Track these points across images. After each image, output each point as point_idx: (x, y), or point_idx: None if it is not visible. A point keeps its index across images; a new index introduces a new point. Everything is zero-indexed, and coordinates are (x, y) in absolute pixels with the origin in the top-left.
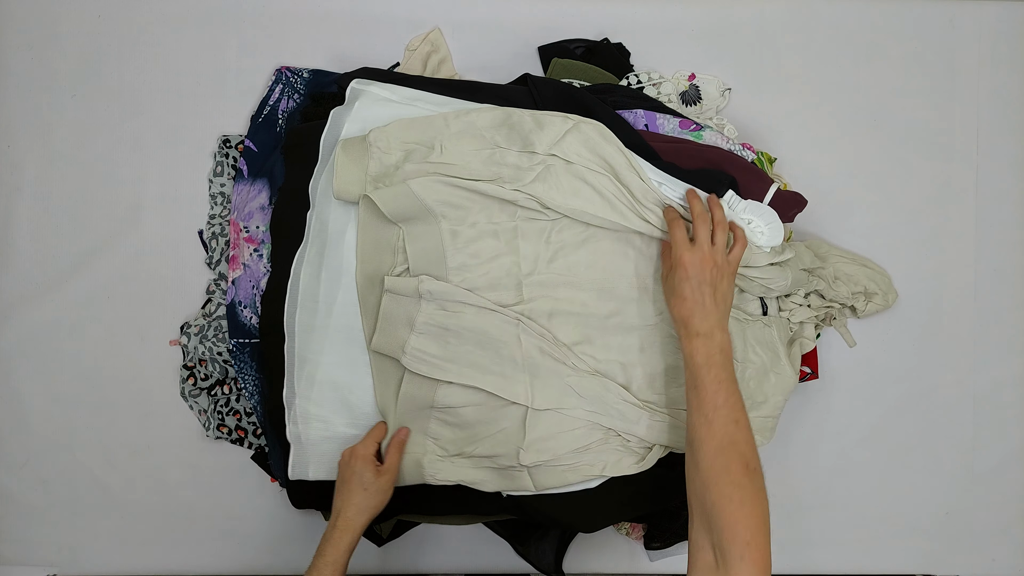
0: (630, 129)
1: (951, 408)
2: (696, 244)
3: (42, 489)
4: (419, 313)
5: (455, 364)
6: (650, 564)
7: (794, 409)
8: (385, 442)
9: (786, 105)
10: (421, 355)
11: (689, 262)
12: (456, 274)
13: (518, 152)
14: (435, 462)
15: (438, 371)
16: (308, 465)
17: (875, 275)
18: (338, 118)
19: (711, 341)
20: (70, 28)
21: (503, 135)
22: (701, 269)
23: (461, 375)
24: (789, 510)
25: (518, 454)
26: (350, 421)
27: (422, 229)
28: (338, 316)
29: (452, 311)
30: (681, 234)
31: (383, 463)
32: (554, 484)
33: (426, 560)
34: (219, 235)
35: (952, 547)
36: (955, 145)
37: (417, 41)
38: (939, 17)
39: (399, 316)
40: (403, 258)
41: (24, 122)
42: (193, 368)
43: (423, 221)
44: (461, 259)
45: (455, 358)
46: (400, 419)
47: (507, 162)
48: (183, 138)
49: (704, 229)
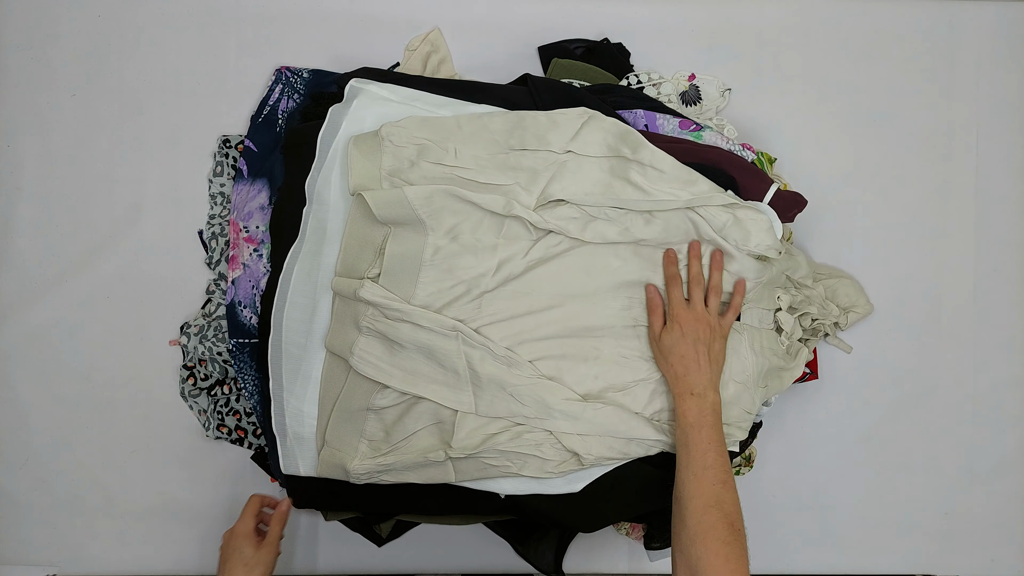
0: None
1: (951, 408)
2: (691, 304)
3: (42, 489)
4: (363, 317)
5: (400, 370)
6: (650, 564)
7: (794, 409)
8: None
9: (786, 105)
10: (368, 357)
11: (685, 320)
12: (422, 287)
13: (533, 153)
14: (364, 461)
15: (383, 375)
16: (298, 460)
17: (849, 287)
18: (336, 116)
19: (704, 401)
20: (70, 28)
21: (517, 138)
22: (696, 328)
23: (405, 382)
24: (789, 510)
25: (446, 449)
26: None
27: (409, 236)
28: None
29: (392, 320)
30: (678, 293)
31: (264, 536)
32: (475, 475)
33: (426, 560)
34: (219, 235)
35: (952, 547)
36: (955, 145)
37: (417, 41)
38: (939, 17)
39: (348, 316)
40: (381, 261)
41: (24, 122)
42: (193, 368)
43: (413, 228)
44: (433, 274)
45: (401, 364)
46: (337, 421)
47: (523, 166)
48: (183, 138)
49: (699, 291)
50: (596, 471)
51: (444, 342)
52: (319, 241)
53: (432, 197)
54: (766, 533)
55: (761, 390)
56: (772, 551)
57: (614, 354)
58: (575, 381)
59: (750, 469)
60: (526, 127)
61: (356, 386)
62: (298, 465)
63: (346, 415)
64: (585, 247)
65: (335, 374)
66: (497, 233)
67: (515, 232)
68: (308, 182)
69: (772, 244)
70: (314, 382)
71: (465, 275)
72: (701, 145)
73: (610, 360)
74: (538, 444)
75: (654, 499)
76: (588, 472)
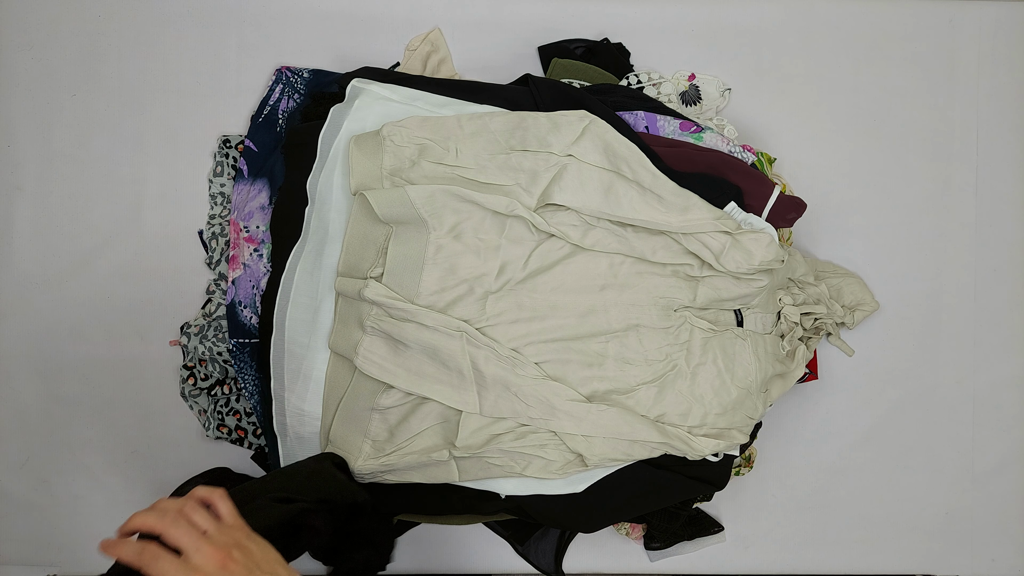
0: (630, 131)
1: (951, 408)
2: (186, 554)
3: (42, 489)
4: (367, 317)
5: (404, 370)
6: (650, 564)
7: (794, 409)
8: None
9: (786, 105)
10: (372, 357)
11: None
12: (426, 286)
13: (534, 154)
14: (368, 461)
15: (388, 375)
16: (299, 459)
17: (854, 285)
18: (337, 116)
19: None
20: (70, 28)
21: (518, 139)
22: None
23: (410, 382)
24: (789, 510)
25: (450, 448)
26: None
27: (411, 234)
28: (331, 314)
29: (397, 319)
30: (170, 567)
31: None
32: (478, 475)
33: (426, 560)
34: (219, 235)
35: (952, 547)
36: (955, 145)
37: (417, 41)
38: (939, 17)
39: (352, 316)
40: (383, 260)
41: (24, 122)
42: (193, 368)
43: (415, 227)
44: (436, 273)
45: (405, 364)
46: (341, 421)
47: (524, 167)
48: (183, 138)
49: (184, 535)
50: (599, 472)
51: (449, 342)
52: (321, 240)
53: (434, 196)
54: (766, 533)
55: (763, 395)
56: (772, 551)
57: (618, 358)
58: (579, 383)
59: (750, 469)
60: (527, 127)
61: (361, 386)
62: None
63: (350, 415)
64: (587, 252)
65: (340, 374)
66: (500, 233)
67: (518, 233)
68: (310, 182)
69: (775, 257)
70: (315, 382)
71: (468, 274)
72: (701, 149)
73: (614, 364)
74: (542, 445)
75: (654, 500)
76: (591, 473)
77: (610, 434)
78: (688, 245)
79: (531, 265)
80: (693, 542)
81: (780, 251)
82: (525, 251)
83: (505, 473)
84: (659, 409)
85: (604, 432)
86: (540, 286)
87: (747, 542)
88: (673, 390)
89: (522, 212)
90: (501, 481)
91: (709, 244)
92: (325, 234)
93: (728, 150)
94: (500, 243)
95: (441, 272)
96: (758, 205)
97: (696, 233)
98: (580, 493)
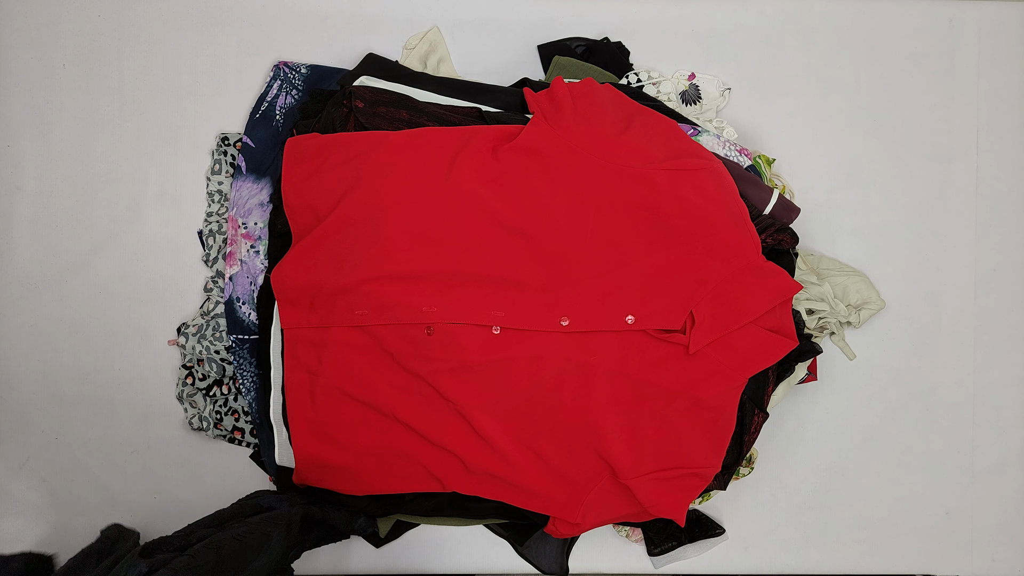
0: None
1: (951, 408)
2: None
3: (42, 489)
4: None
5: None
6: (650, 564)
7: (794, 410)
8: None
9: (786, 105)
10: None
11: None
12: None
13: None
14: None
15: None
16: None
17: (860, 284)
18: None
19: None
20: (70, 28)
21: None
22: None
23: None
24: (789, 510)
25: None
26: None
27: None
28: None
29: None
30: None
31: None
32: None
33: (426, 560)
34: (216, 232)
35: (952, 547)
36: (955, 145)
37: (415, 40)
38: (939, 17)
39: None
40: None
41: (24, 122)
42: (192, 368)
43: None
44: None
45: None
46: None
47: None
48: (183, 137)
49: None
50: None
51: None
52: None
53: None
54: (766, 533)
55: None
56: (772, 551)
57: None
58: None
59: (750, 470)
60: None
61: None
62: (292, 458)
63: None
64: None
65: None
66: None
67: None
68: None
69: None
70: None
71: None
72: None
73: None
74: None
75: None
76: None
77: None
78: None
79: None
80: (695, 544)
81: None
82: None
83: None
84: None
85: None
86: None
87: (747, 542)
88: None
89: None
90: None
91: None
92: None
93: (724, 154)
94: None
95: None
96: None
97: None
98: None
